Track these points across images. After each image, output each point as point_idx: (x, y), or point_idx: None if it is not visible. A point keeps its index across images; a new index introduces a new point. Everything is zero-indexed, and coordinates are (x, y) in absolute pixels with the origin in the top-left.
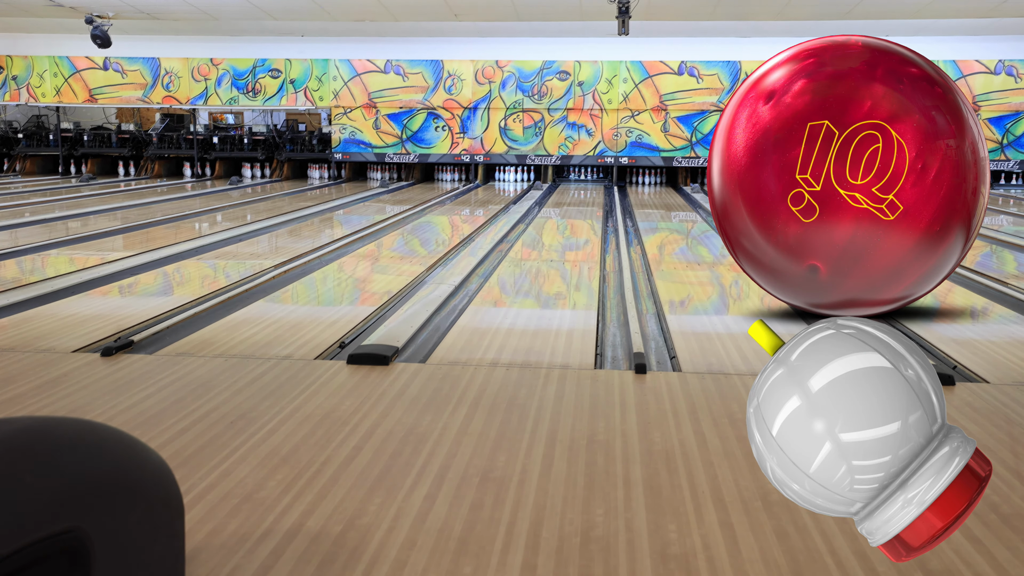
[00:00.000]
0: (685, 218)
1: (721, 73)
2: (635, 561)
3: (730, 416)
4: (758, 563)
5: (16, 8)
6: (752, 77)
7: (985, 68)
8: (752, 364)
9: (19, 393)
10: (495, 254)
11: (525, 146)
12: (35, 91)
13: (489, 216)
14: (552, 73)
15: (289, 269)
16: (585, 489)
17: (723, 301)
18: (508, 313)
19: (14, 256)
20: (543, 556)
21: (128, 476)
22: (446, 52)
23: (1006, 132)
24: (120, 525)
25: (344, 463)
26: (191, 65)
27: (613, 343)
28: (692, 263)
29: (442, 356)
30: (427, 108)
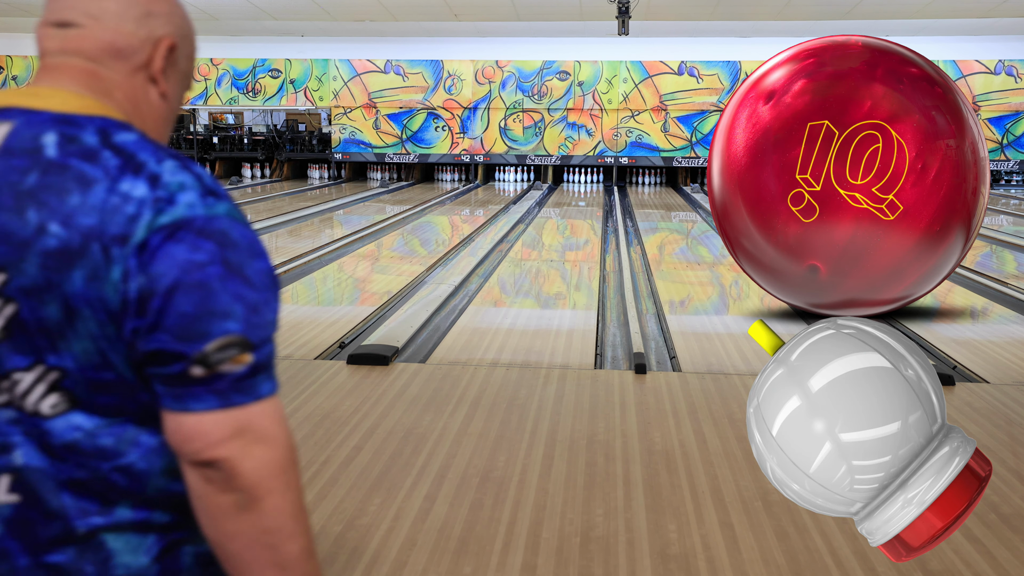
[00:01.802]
0: (685, 218)
1: (721, 73)
2: (635, 561)
3: (730, 416)
4: (758, 563)
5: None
6: (752, 77)
7: (985, 68)
8: (752, 364)
9: None
10: (495, 254)
11: (525, 146)
12: None
13: (489, 216)
14: (552, 73)
15: (289, 269)
16: (585, 489)
17: (723, 301)
18: (508, 313)
19: None
20: (543, 556)
21: None
22: (446, 52)
23: (1006, 132)
24: None
25: (344, 463)
26: None
27: (613, 343)
28: (692, 263)
29: (442, 356)
30: (427, 108)
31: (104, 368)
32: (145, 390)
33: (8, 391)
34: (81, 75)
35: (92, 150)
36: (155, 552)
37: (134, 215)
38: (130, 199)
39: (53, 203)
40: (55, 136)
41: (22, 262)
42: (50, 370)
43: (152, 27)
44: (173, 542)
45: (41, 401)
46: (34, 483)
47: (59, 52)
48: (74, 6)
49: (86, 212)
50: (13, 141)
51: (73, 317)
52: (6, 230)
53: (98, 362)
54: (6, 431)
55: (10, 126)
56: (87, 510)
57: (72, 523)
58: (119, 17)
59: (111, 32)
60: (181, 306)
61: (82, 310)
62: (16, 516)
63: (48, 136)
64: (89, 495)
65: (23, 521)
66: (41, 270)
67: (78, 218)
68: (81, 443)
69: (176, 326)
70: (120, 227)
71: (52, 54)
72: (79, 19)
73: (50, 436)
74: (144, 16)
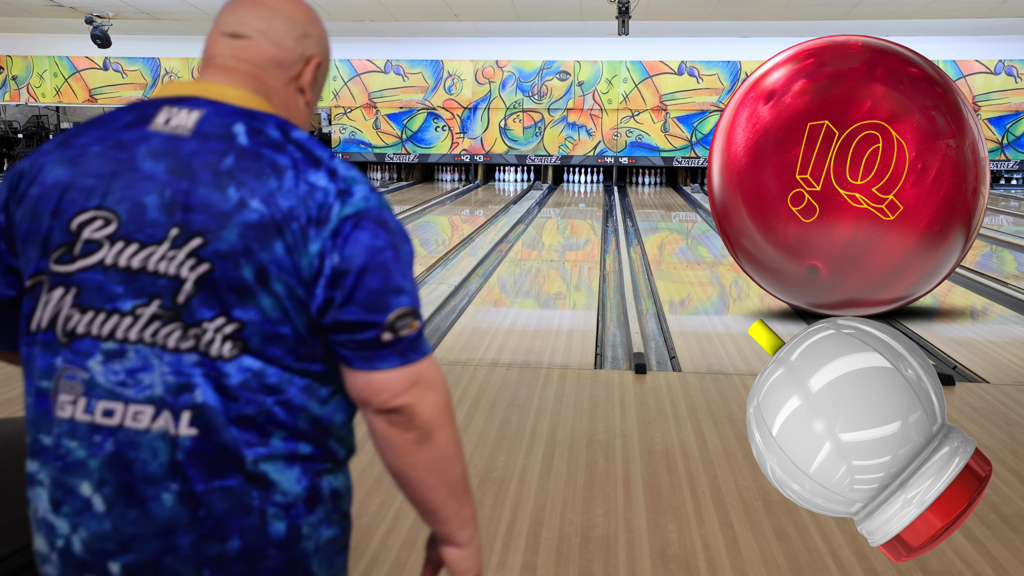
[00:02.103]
0: (685, 218)
1: (721, 73)
2: (635, 561)
3: (730, 416)
4: (758, 563)
5: (16, 8)
6: (752, 77)
7: (985, 68)
8: (752, 364)
9: (19, 393)
10: (495, 254)
11: (525, 146)
12: (35, 91)
13: (489, 216)
14: (552, 73)
15: None
16: (585, 489)
17: (723, 301)
18: (508, 313)
19: None
20: (543, 556)
21: None
22: (446, 52)
23: (1006, 132)
24: None
25: None
26: (191, 65)
27: (613, 343)
28: (692, 263)
29: (442, 356)
30: (427, 108)
31: (283, 323)
32: (309, 344)
33: (195, 338)
34: (249, 78)
35: (278, 143)
36: (304, 483)
37: (324, 203)
38: (317, 188)
39: (252, 183)
40: (243, 127)
41: (221, 230)
42: (232, 321)
43: (306, 46)
44: (316, 474)
45: (221, 347)
46: (210, 419)
47: (230, 57)
48: (247, 22)
49: (284, 195)
50: (206, 126)
51: (265, 279)
52: (206, 201)
53: (278, 318)
54: (190, 372)
55: (201, 113)
56: (250, 442)
57: (240, 453)
58: (283, 35)
59: (275, 47)
60: (370, 284)
61: (275, 274)
62: (194, 447)
63: (238, 126)
64: (252, 428)
65: (200, 452)
66: (240, 238)
67: (277, 199)
68: (250, 382)
69: (366, 300)
70: (314, 211)
71: (222, 57)
72: (250, 32)
73: (226, 377)
74: (302, 36)
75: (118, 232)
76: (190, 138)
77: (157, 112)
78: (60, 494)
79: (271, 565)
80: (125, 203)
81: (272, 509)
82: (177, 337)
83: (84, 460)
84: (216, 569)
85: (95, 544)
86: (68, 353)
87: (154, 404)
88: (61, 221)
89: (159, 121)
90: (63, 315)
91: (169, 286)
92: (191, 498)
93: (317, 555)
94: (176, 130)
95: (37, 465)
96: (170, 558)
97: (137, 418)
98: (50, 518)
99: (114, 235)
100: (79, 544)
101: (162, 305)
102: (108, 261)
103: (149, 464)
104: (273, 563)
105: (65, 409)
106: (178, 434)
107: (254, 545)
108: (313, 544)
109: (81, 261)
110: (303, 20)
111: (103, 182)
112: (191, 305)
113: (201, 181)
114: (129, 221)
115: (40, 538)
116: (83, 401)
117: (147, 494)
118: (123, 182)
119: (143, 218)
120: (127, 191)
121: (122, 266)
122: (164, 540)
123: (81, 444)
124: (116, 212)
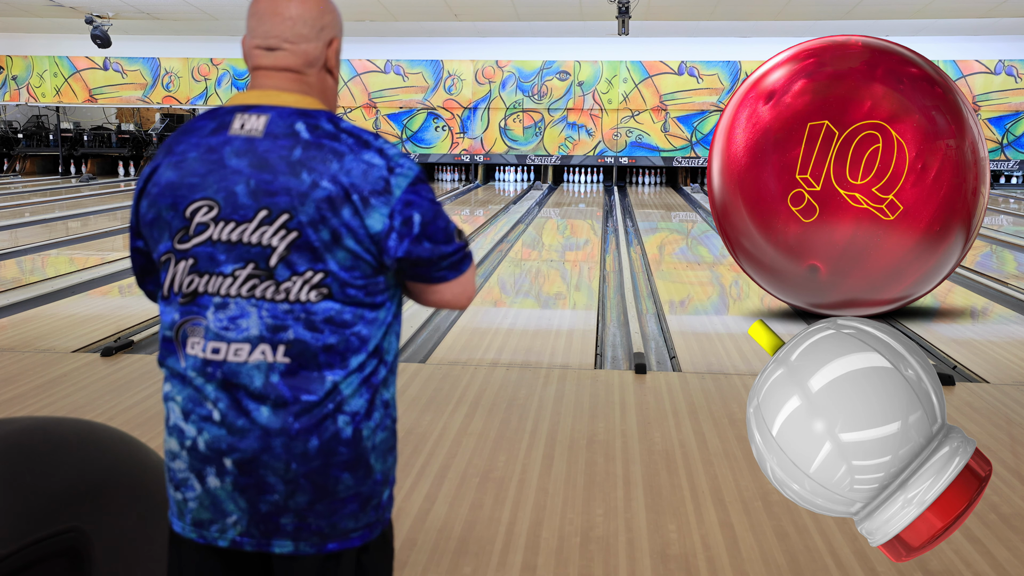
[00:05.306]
0: (685, 218)
1: (721, 73)
2: (635, 561)
3: (730, 416)
4: (758, 563)
5: (16, 8)
6: (752, 77)
7: (985, 68)
8: (752, 364)
9: (19, 393)
10: (495, 254)
11: (525, 146)
12: (35, 91)
13: (489, 216)
14: (552, 73)
15: None
16: (585, 489)
17: (723, 301)
18: (508, 313)
19: (14, 256)
20: (543, 556)
21: (128, 476)
22: (446, 52)
23: (1006, 132)
24: (120, 525)
25: None
26: (191, 65)
27: (613, 343)
28: (692, 263)
29: (442, 356)
30: (427, 108)
31: (355, 269)
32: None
33: (286, 291)
34: (295, 82)
35: (333, 133)
36: (367, 395)
37: (384, 176)
38: (374, 165)
39: (320, 168)
40: (303, 124)
41: (302, 206)
42: (318, 272)
43: (325, 35)
44: (375, 389)
45: (309, 293)
46: (301, 349)
47: (272, 67)
48: (276, 35)
49: (344, 173)
50: (273, 127)
51: (339, 238)
52: (287, 186)
53: (351, 265)
54: (283, 317)
55: (267, 117)
56: (331, 364)
57: (322, 374)
58: (308, 39)
59: (304, 50)
60: (437, 224)
61: (345, 233)
62: (287, 370)
63: (299, 124)
64: (334, 354)
65: (291, 372)
66: (316, 210)
67: (340, 177)
68: (334, 318)
69: (438, 236)
70: (377, 184)
71: (267, 67)
72: (282, 44)
73: (314, 315)
74: (321, 29)
75: (219, 215)
76: (263, 139)
77: (232, 119)
78: (190, 406)
79: (341, 460)
80: (221, 192)
81: (343, 417)
82: (272, 291)
83: (203, 385)
84: (301, 463)
85: (214, 444)
86: (193, 307)
87: (250, 342)
88: (178, 211)
89: (236, 126)
90: (186, 280)
91: (261, 253)
92: (283, 410)
93: (374, 452)
94: (251, 133)
95: (170, 386)
96: (267, 455)
97: (237, 353)
98: (181, 424)
99: (217, 217)
100: (203, 444)
101: (256, 267)
102: (215, 237)
103: (250, 387)
104: (343, 458)
105: (193, 348)
106: (275, 360)
107: (329, 444)
108: (371, 443)
109: (195, 239)
110: (317, 14)
111: (203, 179)
112: (285, 263)
113: (280, 171)
114: (226, 206)
115: (173, 440)
116: (201, 343)
117: (249, 407)
118: (217, 176)
119: (236, 203)
120: (221, 183)
121: (224, 240)
122: (262, 441)
123: (199, 374)
124: (216, 200)
